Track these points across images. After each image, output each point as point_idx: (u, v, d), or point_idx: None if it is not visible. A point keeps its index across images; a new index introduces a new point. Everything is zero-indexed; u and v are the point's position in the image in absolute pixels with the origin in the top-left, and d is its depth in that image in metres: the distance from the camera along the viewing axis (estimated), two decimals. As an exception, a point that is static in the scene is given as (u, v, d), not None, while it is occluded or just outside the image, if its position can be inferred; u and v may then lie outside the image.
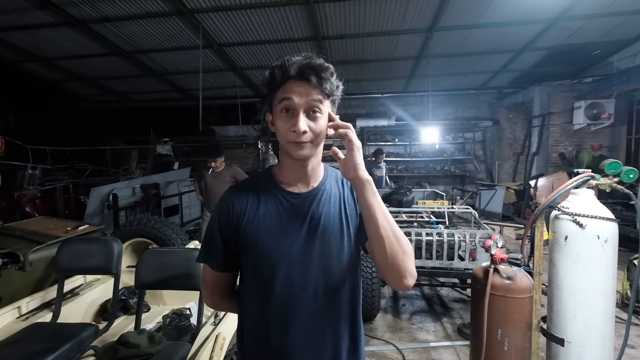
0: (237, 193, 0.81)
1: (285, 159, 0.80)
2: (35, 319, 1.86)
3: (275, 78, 0.74)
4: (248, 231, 0.78)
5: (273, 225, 0.78)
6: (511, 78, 7.09)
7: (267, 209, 0.79)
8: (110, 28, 4.82)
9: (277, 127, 0.75)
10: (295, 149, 0.74)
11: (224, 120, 8.77)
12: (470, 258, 2.57)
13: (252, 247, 0.78)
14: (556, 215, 1.54)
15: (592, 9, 4.28)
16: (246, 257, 0.80)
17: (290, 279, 0.77)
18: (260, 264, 0.78)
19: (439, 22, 4.58)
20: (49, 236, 2.47)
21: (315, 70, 0.72)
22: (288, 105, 0.72)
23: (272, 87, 0.76)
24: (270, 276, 0.77)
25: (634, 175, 1.46)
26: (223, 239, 0.80)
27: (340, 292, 0.80)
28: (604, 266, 1.44)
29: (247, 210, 0.79)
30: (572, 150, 6.12)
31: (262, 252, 0.77)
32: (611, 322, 1.51)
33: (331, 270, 0.78)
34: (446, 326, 2.72)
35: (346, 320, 0.81)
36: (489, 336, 1.59)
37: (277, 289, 0.77)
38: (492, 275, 1.57)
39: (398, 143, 8.28)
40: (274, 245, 0.77)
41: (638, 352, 2.32)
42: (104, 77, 6.99)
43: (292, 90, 0.72)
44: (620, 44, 5.41)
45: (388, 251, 0.70)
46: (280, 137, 0.76)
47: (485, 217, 5.80)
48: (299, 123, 0.71)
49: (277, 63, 0.75)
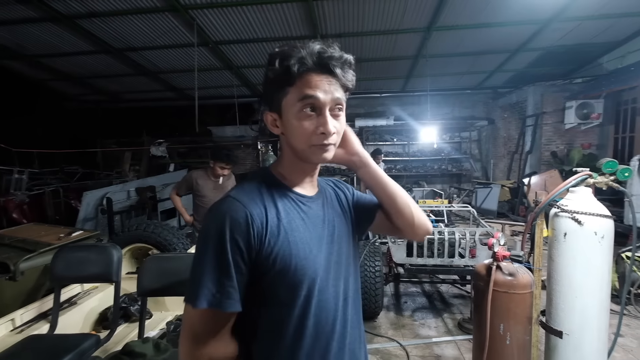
0: (248, 200, 0.64)
1: (295, 161, 0.70)
2: (31, 331, 1.79)
3: (290, 69, 0.61)
4: (277, 247, 0.62)
5: (300, 233, 0.66)
6: (506, 78, 7.21)
7: (289, 216, 0.66)
8: (98, 24, 4.61)
9: (295, 129, 0.64)
10: (320, 152, 0.65)
11: (221, 120, 8.68)
12: (470, 255, 2.63)
13: (284, 265, 0.63)
14: (555, 213, 1.60)
15: (584, 10, 4.38)
16: (274, 280, 0.63)
17: (325, 292, 0.68)
18: (295, 282, 0.64)
19: (437, 22, 4.62)
20: (41, 244, 2.37)
21: (339, 62, 0.63)
22: (312, 103, 0.62)
23: (283, 81, 0.63)
24: (307, 295, 0.65)
25: (629, 174, 1.52)
26: (239, 265, 0.60)
27: (357, 292, 0.78)
28: (600, 261, 1.50)
29: (268, 220, 0.63)
30: (564, 149, 6.27)
31: (298, 268, 0.64)
32: (606, 314, 1.57)
33: (350, 272, 0.76)
34: (447, 321, 2.78)
35: (362, 320, 0.80)
36: (492, 331, 1.64)
37: (313, 306, 0.65)
38: (494, 272, 1.62)
39: (397, 142, 8.37)
40: (308, 257, 0.65)
41: (626, 340, 2.42)
42: (92, 75, 6.72)
43: (317, 86, 0.62)
44: (610, 46, 5.55)
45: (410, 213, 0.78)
46: (299, 140, 0.65)
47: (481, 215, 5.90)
48: (328, 124, 0.63)
49: (286, 50, 0.62)
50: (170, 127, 8.57)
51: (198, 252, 0.63)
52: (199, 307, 0.59)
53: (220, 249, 0.59)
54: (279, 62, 0.63)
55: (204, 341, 0.62)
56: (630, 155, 5.26)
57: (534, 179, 5.76)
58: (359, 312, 0.79)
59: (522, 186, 5.90)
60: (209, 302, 0.59)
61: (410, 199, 0.80)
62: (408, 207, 0.78)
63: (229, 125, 8.34)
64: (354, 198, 0.84)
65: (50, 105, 7.96)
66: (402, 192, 0.79)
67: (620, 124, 5.78)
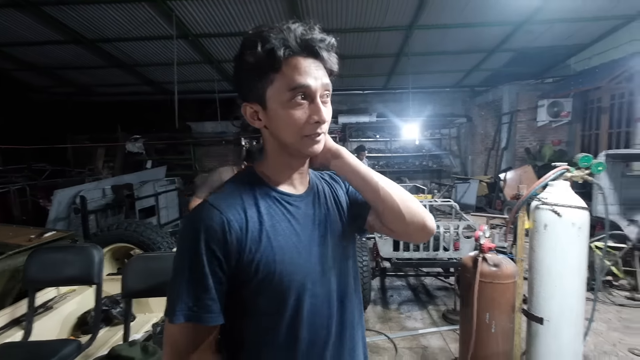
0: (226, 204, 0.58)
1: (281, 156, 0.64)
2: (3, 339, 1.68)
3: (275, 54, 0.55)
4: (259, 253, 0.58)
5: (286, 237, 0.61)
6: (483, 77, 7.49)
7: (273, 219, 0.61)
8: (68, 12, 4.32)
9: (284, 121, 0.58)
10: (311, 144, 0.60)
11: (200, 116, 8.44)
12: (454, 248, 2.72)
13: (268, 272, 0.58)
14: (536, 206, 1.67)
15: (555, 14, 4.62)
16: (257, 288, 0.59)
17: (317, 297, 0.63)
18: (282, 289, 0.59)
19: (418, 20, 4.71)
20: (10, 245, 2.22)
21: (325, 44, 0.58)
22: (303, 91, 0.57)
23: (265, 67, 0.56)
24: (296, 301, 0.60)
25: (602, 168, 1.62)
26: (217, 275, 0.56)
27: (354, 295, 0.73)
28: (577, 251, 1.60)
29: (248, 225, 0.58)
30: (536, 145, 6.60)
31: (284, 274, 0.59)
32: (582, 302, 1.67)
33: (347, 272, 0.71)
34: (432, 313, 2.86)
35: (360, 324, 0.74)
36: (478, 320, 1.71)
37: (305, 313, 0.61)
38: (481, 264, 1.68)
39: (379, 139, 8.49)
40: (295, 262, 0.61)
41: (597, 324, 2.61)
42: (61, 66, 6.31)
43: (307, 72, 0.56)
44: (577, 48, 5.90)
45: (398, 201, 0.66)
46: (287, 132, 0.59)
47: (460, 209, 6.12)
48: (321, 112, 0.58)
49: (266, 32, 0.56)
50: (147, 123, 8.23)
51: (174, 264, 0.58)
52: (176, 322, 0.56)
53: (196, 260, 0.55)
54: (261, 46, 0.55)
55: (186, 356, 0.58)
56: (596, 151, 5.62)
57: (509, 174, 6.04)
58: (359, 311, 0.75)
59: (499, 181, 6.16)
60: (187, 317, 0.55)
61: (401, 192, 0.68)
62: (392, 198, 0.66)
63: (209, 121, 8.13)
64: (349, 192, 0.78)
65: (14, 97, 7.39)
66: (388, 184, 0.68)
67: (587, 122, 6.17)
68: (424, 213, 0.69)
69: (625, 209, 3.60)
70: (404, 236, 0.72)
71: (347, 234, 0.73)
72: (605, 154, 3.48)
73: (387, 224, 0.69)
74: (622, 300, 2.95)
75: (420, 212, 0.68)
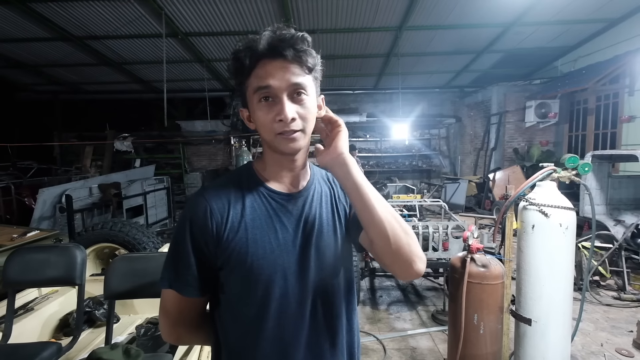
0: (214, 194, 0.65)
1: (270, 154, 0.68)
2: None
3: (243, 62, 0.60)
4: (234, 243, 0.63)
5: (263, 232, 0.64)
6: (472, 78, 7.57)
7: (255, 213, 0.65)
8: (55, 9, 4.27)
9: (258, 120, 0.62)
10: (286, 142, 0.62)
11: (189, 114, 8.34)
12: (443, 248, 2.72)
13: (239, 262, 0.63)
14: (524, 206, 1.68)
15: (542, 16, 4.70)
16: (230, 275, 0.65)
17: (286, 296, 0.65)
18: (250, 281, 0.64)
19: (408, 21, 4.73)
20: None
21: (290, 42, 0.59)
22: (266, 92, 0.60)
23: (241, 75, 0.62)
24: (264, 295, 0.64)
25: (589, 169, 1.63)
26: (198, 255, 0.63)
27: (337, 301, 0.71)
28: (565, 251, 1.60)
29: (229, 215, 0.63)
30: (525, 146, 6.71)
31: (254, 267, 0.63)
32: (569, 302, 1.68)
33: (329, 278, 0.69)
34: (421, 314, 2.86)
35: (343, 330, 0.72)
36: (466, 321, 1.70)
37: (272, 309, 0.64)
38: (469, 264, 1.68)
39: (369, 139, 8.50)
40: (267, 257, 0.63)
41: (584, 324, 2.63)
42: (48, 64, 6.23)
43: (268, 73, 0.60)
44: (564, 50, 6.02)
45: (390, 234, 0.59)
46: (264, 131, 0.63)
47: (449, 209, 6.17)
48: (284, 110, 0.59)
49: (240, 45, 0.62)
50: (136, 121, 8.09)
51: (171, 239, 0.68)
52: (162, 287, 0.66)
53: (182, 239, 0.64)
54: (234, 58, 0.63)
55: (174, 318, 0.68)
56: (583, 152, 5.74)
57: (498, 175, 6.11)
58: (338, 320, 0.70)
59: (488, 181, 6.24)
60: (169, 284, 0.65)
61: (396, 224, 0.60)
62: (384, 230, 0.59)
63: (198, 119, 8.03)
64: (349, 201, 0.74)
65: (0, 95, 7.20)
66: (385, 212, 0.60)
67: (573, 123, 6.29)
68: (413, 254, 0.61)
69: (612, 209, 3.67)
70: (389, 269, 0.65)
71: (340, 240, 0.72)
72: (591, 155, 3.54)
73: (373, 252, 0.65)
74: (609, 300, 2.98)
75: (409, 253, 0.60)
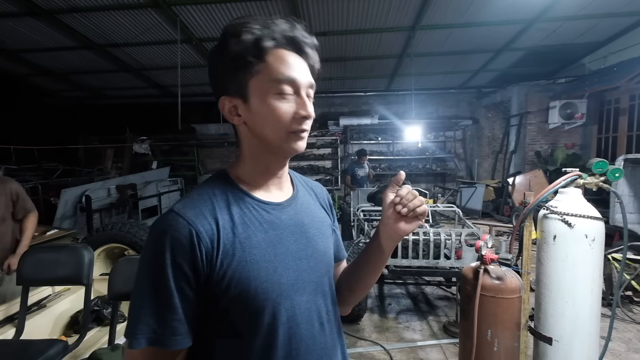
0: (195, 213, 0.53)
1: (259, 158, 0.59)
2: None
3: (261, 44, 0.52)
4: (231, 269, 0.52)
5: (263, 250, 0.55)
6: (490, 78, 7.27)
7: (248, 230, 0.55)
8: (79, 19, 4.51)
9: (271, 113, 0.54)
10: (297, 140, 0.56)
11: (205, 118, 8.51)
12: (456, 256, 2.57)
13: (241, 290, 0.52)
14: (545, 215, 1.54)
15: (567, 11, 4.42)
16: (229, 309, 0.53)
17: (294, 318, 0.57)
18: (255, 308, 0.53)
19: (421, 21, 4.59)
20: None
21: (311, 43, 0.57)
22: (290, 85, 0.54)
23: (250, 56, 0.53)
24: (270, 323, 0.54)
25: (620, 174, 1.48)
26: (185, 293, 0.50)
27: (337, 313, 0.68)
28: (591, 265, 1.45)
29: (220, 237, 0.52)
30: (548, 149, 6.35)
31: (258, 292, 0.53)
32: (597, 320, 1.52)
33: (329, 289, 0.66)
34: (432, 324, 2.72)
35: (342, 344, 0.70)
36: (479, 337, 1.57)
37: (280, 336, 0.55)
38: (482, 276, 1.55)
39: (381, 142, 8.35)
40: (270, 279, 0.54)
41: (614, 344, 2.40)
42: (74, 71, 6.58)
43: (293, 65, 0.54)
44: (592, 46, 5.65)
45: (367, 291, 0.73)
46: (271, 127, 0.55)
47: (465, 214, 5.92)
48: (309, 107, 0.55)
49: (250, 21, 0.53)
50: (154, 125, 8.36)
51: (136, 279, 0.52)
52: (136, 348, 0.49)
53: (161, 276, 0.49)
54: (245, 35, 0.52)
55: None
56: (614, 155, 5.36)
57: (518, 179, 5.81)
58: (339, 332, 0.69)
59: (507, 186, 5.94)
60: (149, 340, 0.49)
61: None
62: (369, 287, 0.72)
63: (213, 122, 8.17)
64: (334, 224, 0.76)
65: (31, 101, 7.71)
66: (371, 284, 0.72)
67: (603, 124, 5.89)
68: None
69: (645, 217, 3.38)
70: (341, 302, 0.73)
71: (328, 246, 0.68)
72: (624, 159, 3.27)
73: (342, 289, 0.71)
74: (644, 317, 2.74)
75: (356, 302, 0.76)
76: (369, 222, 3.19)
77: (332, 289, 0.68)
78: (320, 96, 8.16)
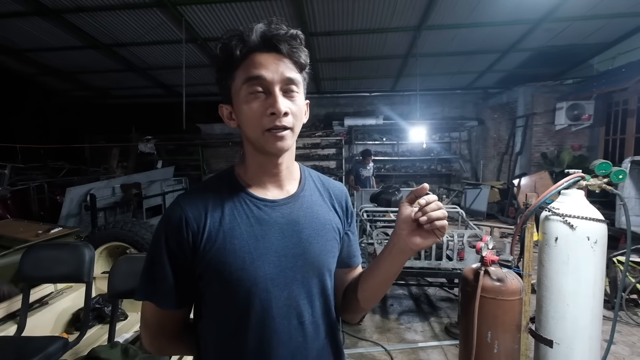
0: (190, 202, 0.62)
1: (253, 156, 0.64)
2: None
3: (232, 53, 0.58)
4: (211, 253, 0.60)
5: (243, 241, 0.61)
6: (496, 78, 7.21)
7: (234, 221, 0.61)
8: (86, 19, 4.55)
9: (245, 115, 0.59)
10: (274, 139, 0.59)
11: (210, 117, 8.56)
12: (458, 258, 2.56)
13: (217, 273, 0.60)
14: (546, 216, 1.52)
15: (575, 11, 4.37)
16: (208, 286, 0.62)
17: (269, 309, 0.61)
18: (229, 293, 0.61)
19: (427, 21, 4.57)
20: (18, 240, 2.32)
21: (285, 37, 0.59)
22: (257, 84, 0.57)
23: (228, 67, 0.59)
24: (243, 308, 0.61)
25: (623, 176, 1.46)
26: (175, 266, 0.61)
27: (325, 316, 0.68)
28: (593, 267, 1.44)
29: (206, 224, 0.60)
30: (554, 150, 6.27)
31: (232, 279, 0.59)
32: (598, 323, 1.51)
33: (318, 291, 0.66)
34: (434, 325, 2.70)
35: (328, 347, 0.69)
36: (479, 339, 1.56)
37: (253, 322, 0.61)
38: (482, 278, 1.54)
39: (386, 142, 8.30)
40: (246, 268, 0.60)
41: (618, 347, 2.37)
42: (80, 71, 6.65)
43: (261, 64, 0.57)
44: (600, 47, 5.57)
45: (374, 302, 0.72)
46: (250, 127, 0.60)
47: (470, 216, 5.88)
48: (277, 103, 0.57)
49: (229, 34, 0.59)
50: (159, 124, 8.44)
51: (147, 251, 0.67)
52: (138, 299, 0.64)
53: (157, 250, 0.62)
54: (222, 48, 0.60)
55: (154, 330, 0.66)
56: (621, 157, 5.27)
57: (524, 180, 5.75)
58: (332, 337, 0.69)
59: (512, 187, 5.88)
60: (144, 296, 0.64)
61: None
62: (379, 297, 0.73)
63: (218, 122, 8.22)
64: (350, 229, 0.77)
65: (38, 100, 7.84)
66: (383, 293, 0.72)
67: (611, 126, 5.80)
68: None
69: (652, 219, 3.33)
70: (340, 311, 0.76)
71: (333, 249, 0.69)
72: (630, 160, 3.22)
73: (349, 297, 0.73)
74: (648, 321, 2.70)
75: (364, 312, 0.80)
76: (371, 223, 3.19)
77: (327, 292, 0.67)
78: (325, 96, 8.17)
